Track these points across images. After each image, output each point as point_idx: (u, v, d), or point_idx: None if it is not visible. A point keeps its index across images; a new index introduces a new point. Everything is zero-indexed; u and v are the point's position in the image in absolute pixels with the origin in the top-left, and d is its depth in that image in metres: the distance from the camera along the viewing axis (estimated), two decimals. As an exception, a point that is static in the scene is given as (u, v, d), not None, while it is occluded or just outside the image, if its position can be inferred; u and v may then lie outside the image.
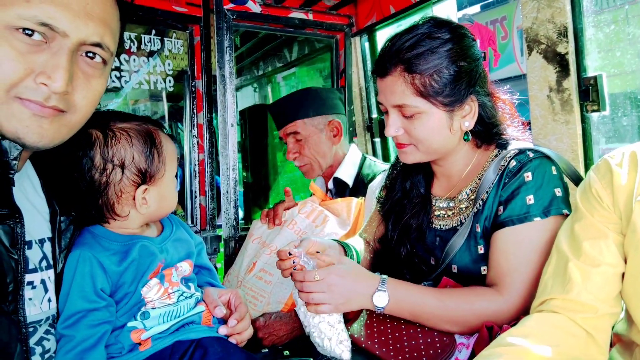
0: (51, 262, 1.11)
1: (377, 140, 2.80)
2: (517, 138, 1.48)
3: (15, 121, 0.94)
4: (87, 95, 1.03)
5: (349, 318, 1.54)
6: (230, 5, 2.42)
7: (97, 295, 1.11)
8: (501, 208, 1.35)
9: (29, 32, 0.92)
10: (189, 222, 2.48)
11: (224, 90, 2.38)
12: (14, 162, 0.93)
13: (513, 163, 1.37)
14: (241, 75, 4.35)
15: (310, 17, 2.65)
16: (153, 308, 1.17)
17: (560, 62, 1.65)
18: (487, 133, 1.48)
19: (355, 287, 1.30)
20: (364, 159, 2.37)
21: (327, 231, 1.96)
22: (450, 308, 1.28)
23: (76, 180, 1.16)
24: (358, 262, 1.61)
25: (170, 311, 1.19)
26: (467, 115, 1.42)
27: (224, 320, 1.29)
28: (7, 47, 0.90)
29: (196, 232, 2.41)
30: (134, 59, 2.33)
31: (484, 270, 1.39)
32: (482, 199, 1.40)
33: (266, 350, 1.79)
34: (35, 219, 1.10)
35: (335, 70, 2.84)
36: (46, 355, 1.05)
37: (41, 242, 1.10)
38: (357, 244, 1.71)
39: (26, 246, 1.04)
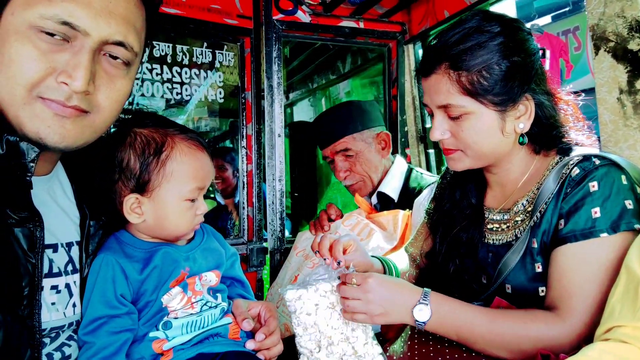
0: (78, 266, 1.10)
1: (432, 151, 2.67)
2: (582, 143, 1.32)
3: (37, 121, 0.93)
4: (110, 95, 1.01)
5: (388, 338, 1.43)
6: (280, 16, 2.41)
7: (118, 301, 1.08)
8: (562, 222, 1.20)
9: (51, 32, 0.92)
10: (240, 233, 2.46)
11: (271, 100, 2.36)
12: (31, 164, 0.92)
13: (576, 171, 1.22)
14: (296, 89, 4.36)
15: (362, 25, 2.59)
16: (175, 318, 1.13)
17: (631, 61, 1.47)
18: (545, 136, 1.33)
19: (394, 297, 1.20)
20: (410, 171, 2.24)
21: (372, 245, 1.86)
22: (501, 331, 1.14)
23: (94, 177, 1.15)
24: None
25: (193, 321, 1.14)
26: (522, 116, 1.28)
27: (252, 334, 1.22)
28: (30, 46, 0.90)
29: (243, 243, 2.38)
30: (186, 72, 2.37)
31: (542, 291, 1.24)
32: (540, 211, 1.26)
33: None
34: (64, 223, 1.09)
35: (388, 79, 2.76)
36: (66, 362, 1.03)
37: (68, 245, 1.08)
38: (399, 260, 1.59)
39: (51, 249, 1.03)
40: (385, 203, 2.19)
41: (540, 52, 1.31)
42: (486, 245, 1.40)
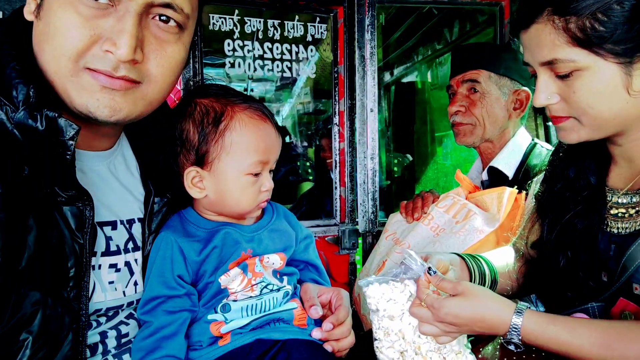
0: (140, 243, 1.07)
1: (551, 124, 2.32)
2: None
3: (85, 94, 0.89)
4: (161, 63, 0.95)
5: (482, 338, 1.23)
6: (374, -20, 2.23)
7: (176, 282, 1.04)
8: None
9: None
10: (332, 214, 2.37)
11: (363, 72, 2.22)
12: (71, 142, 0.88)
13: None
14: (400, 64, 4.11)
15: (468, -17, 2.31)
16: (235, 300, 1.06)
17: None
18: None
19: (473, 326, 1.02)
20: (533, 146, 1.93)
21: (469, 228, 1.64)
22: (621, 357, 0.90)
23: (158, 151, 1.12)
24: (492, 277, 1.28)
25: (252, 305, 1.07)
26: None
27: (321, 323, 1.12)
28: (72, 13, 0.86)
29: (335, 224, 2.28)
30: (277, 47, 2.31)
31: (683, 294, 0.96)
32: (683, 193, 0.97)
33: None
34: (124, 199, 1.07)
35: (499, 42, 2.44)
36: (123, 340, 1.01)
37: (129, 223, 1.06)
38: (497, 256, 1.36)
39: (110, 227, 1.01)
40: (496, 181, 1.91)
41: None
42: (608, 234, 1.14)
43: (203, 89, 1.16)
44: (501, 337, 1.13)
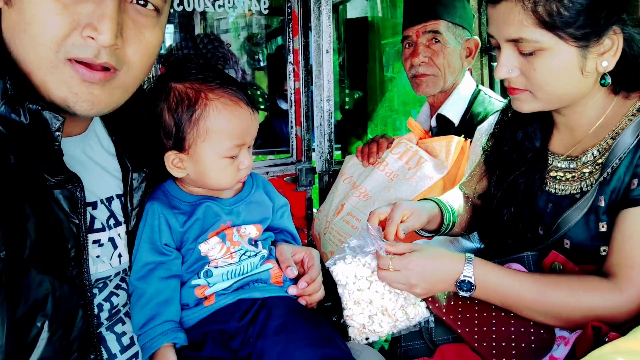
0: (121, 219, 1.10)
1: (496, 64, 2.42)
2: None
3: (65, 88, 0.88)
4: (139, 49, 0.94)
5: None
6: None
7: (165, 249, 1.12)
8: (635, 181, 1.08)
9: None
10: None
11: (318, 11, 2.17)
12: (57, 133, 0.89)
13: (661, 124, 1.06)
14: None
15: None
16: (216, 267, 1.15)
17: None
18: (630, 76, 1.15)
19: (436, 274, 1.15)
20: (477, 93, 2.03)
21: (420, 174, 1.77)
22: (551, 302, 1.08)
23: (137, 130, 1.14)
24: (454, 222, 1.43)
25: (232, 270, 1.16)
26: (607, 53, 1.11)
27: (295, 279, 1.23)
28: None
29: (292, 163, 2.35)
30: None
31: (604, 250, 1.15)
32: (612, 167, 1.12)
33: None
34: (102, 179, 1.08)
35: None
36: (113, 311, 1.07)
37: (108, 200, 1.08)
38: (455, 200, 1.51)
39: (90, 207, 1.03)
40: (444, 127, 2.03)
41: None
42: (546, 193, 1.29)
43: (179, 71, 1.15)
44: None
